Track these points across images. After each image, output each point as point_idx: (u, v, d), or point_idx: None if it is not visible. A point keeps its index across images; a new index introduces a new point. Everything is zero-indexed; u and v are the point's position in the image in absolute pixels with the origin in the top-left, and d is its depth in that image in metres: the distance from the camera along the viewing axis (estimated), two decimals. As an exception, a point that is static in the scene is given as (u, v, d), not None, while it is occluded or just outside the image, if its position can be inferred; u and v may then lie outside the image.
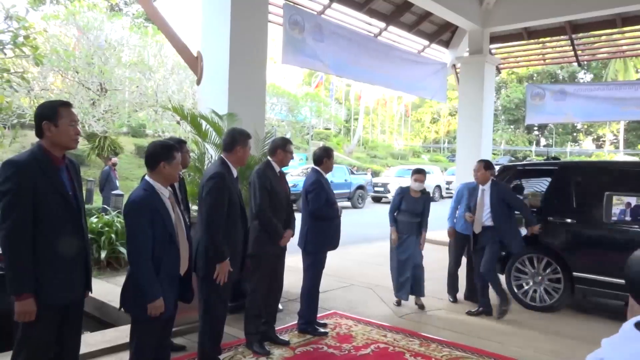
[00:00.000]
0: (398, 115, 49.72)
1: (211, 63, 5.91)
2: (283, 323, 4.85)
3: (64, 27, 15.70)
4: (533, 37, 11.92)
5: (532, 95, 12.58)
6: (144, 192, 2.86)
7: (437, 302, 5.91)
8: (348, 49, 9.08)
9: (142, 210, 2.78)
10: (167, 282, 2.88)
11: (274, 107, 24.02)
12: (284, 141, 4.33)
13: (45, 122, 2.59)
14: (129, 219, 2.83)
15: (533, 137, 47.70)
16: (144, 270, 2.77)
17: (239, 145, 3.68)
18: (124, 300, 2.91)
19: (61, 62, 14.29)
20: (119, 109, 15.79)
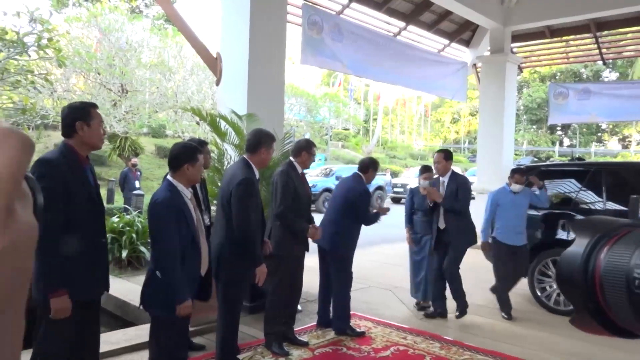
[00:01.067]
0: (417, 115, 49.39)
1: (230, 64, 5.95)
2: (302, 324, 4.86)
3: (86, 29, 15.97)
4: (556, 35, 11.74)
5: (555, 94, 12.38)
6: (169, 193, 2.89)
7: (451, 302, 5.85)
8: (367, 49, 9.06)
9: (169, 211, 2.82)
10: (189, 282, 2.91)
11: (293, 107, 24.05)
12: (308, 143, 4.35)
13: (79, 122, 2.66)
14: (156, 220, 2.86)
15: (556, 137, 46.94)
16: (175, 272, 2.79)
17: (263, 147, 3.69)
18: (144, 299, 2.95)
19: (83, 63, 14.53)
20: (140, 110, 15.99)
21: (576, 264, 0.74)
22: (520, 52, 12.69)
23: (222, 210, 3.59)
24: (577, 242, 0.76)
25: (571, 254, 0.75)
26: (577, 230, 0.77)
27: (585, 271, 0.74)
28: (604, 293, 0.72)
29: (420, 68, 10.49)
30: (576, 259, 0.75)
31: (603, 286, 0.72)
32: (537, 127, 45.97)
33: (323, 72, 38.93)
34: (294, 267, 4.25)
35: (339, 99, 31.03)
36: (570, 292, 0.76)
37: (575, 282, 0.74)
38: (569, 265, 0.75)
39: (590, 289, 0.73)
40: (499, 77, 10.85)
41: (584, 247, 0.75)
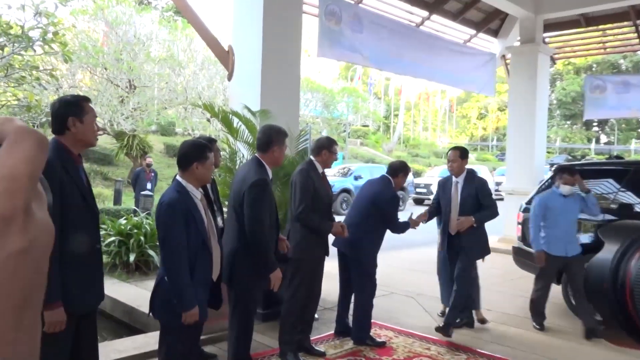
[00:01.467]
0: (442, 110, 49.09)
1: (243, 57, 5.98)
2: (319, 332, 4.86)
3: (92, 22, 16.20)
4: (592, 24, 11.56)
5: (591, 87, 12.20)
6: (177, 193, 2.90)
7: (485, 313, 5.80)
8: (389, 40, 9.03)
9: (176, 213, 2.83)
10: (199, 288, 2.93)
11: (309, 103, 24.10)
12: (329, 141, 4.36)
13: (71, 117, 2.60)
14: (163, 222, 2.88)
15: (592, 133, 46.25)
16: (181, 277, 2.81)
17: (275, 145, 3.68)
18: (153, 305, 2.97)
19: (90, 58, 14.74)
20: (148, 107, 16.17)
21: (605, 272, 0.73)
22: (553, 42, 12.52)
23: (234, 213, 3.60)
24: (606, 248, 0.74)
25: (600, 261, 0.74)
26: (606, 236, 0.76)
27: (615, 279, 0.72)
28: (635, 302, 0.70)
29: (445, 60, 10.42)
30: (605, 266, 0.74)
31: (634, 295, 0.70)
32: (572, 122, 45.33)
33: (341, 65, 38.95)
34: (313, 272, 4.24)
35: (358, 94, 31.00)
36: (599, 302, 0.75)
37: (605, 291, 0.73)
38: (597, 273, 0.74)
39: (620, 298, 0.72)
40: (530, 69, 10.73)
41: (613, 254, 0.73)
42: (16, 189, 0.36)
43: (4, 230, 0.35)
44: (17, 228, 0.36)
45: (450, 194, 5.07)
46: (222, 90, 16.46)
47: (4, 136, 0.39)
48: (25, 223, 0.36)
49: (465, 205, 4.93)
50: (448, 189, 5.12)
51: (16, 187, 0.36)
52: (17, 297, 0.37)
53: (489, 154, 43.95)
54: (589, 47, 13.24)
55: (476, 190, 4.94)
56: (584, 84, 12.82)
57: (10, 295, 0.36)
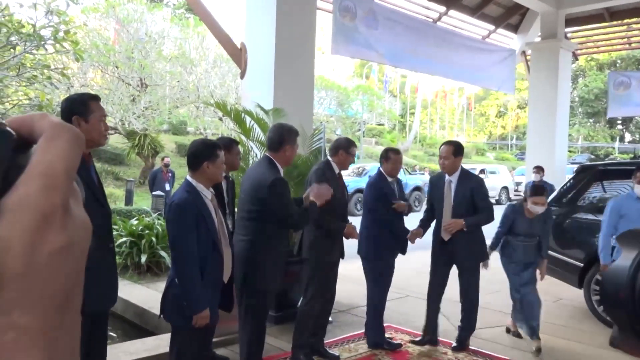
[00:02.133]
0: (459, 108, 48.79)
1: (256, 55, 5.99)
2: (333, 336, 4.86)
3: (103, 20, 16.38)
4: (616, 18, 11.41)
5: (615, 84, 12.05)
6: (186, 194, 2.92)
7: (500, 316, 5.75)
8: (405, 37, 9.00)
9: (186, 214, 2.84)
10: (210, 290, 2.94)
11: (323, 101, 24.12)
12: (348, 142, 4.35)
13: (76, 116, 2.61)
14: (172, 224, 2.90)
15: (616, 132, 45.64)
16: (191, 279, 2.83)
17: (287, 144, 3.68)
18: (164, 307, 3.00)
19: (101, 56, 14.90)
20: (160, 105, 16.29)
21: (622, 280, 0.71)
22: (575, 37, 12.39)
23: (245, 213, 3.61)
24: (624, 256, 0.73)
25: (617, 269, 0.73)
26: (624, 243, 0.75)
27: (632, 288, 0.71)
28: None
29: (463, 56, 10.36)
30: (622, 275, 0.72)
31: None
32: (595, 120, 44.77)
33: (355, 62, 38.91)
34: (328, 274, 4.26)
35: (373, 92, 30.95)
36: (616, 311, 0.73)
37: (622, 300, 0.72)
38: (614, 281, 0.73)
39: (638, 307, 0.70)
40: (551, 65, 10.63)
41: (631, 261, 0.72)
42: (54, 186, 0.37)
43: (44, 227, 0.36)
44: (57, 225, 0.36)
45: (442, 194, 4.67)
46: (234, 89, 16.54)
47: (40, 132, 0.39)
48: (64, 220, 0.37)
49: (459, 207, 4.54)
50: (440, 189, 4.71)
51: (54, 184, 0.37)
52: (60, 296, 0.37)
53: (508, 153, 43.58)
54: (613, 42, 13.08)
55: (471, 191, 4.52)
56: (608, 80, 12.67)
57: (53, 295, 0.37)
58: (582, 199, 6.29)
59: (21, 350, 0.35)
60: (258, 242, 3.51)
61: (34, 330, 0.35)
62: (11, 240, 0.35)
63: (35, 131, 0.39)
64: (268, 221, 3.50)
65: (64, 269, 0.37)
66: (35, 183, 0.36)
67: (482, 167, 23.45)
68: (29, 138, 0.39)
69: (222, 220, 3.13)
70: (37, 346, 0.35)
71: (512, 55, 11.61)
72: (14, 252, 0.35)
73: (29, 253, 0.35)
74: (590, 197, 6.29)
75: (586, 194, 6.30)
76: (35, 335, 0.35)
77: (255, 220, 3.53)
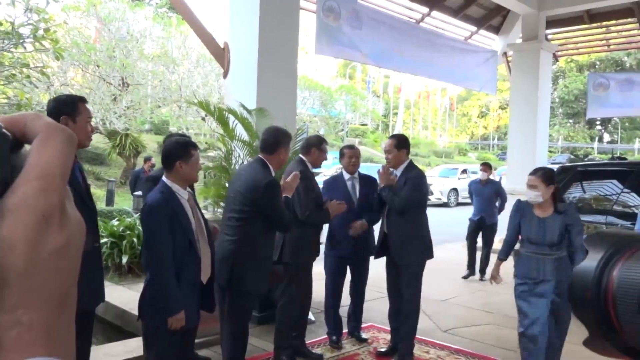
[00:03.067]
0: (442, 109, 49.14)
1: (239, 54, 5.97)
2: (315, 335, 4.86)
3: (84, 19, 16.17)
4: (596, 20, 11.58)
5: (594, 85, 12.22)
6: (160, 194, 2.89)
7: (486, 316, 5.81)
8: (389, 37, 9.03)
9: (160, 215, 2.82)
10: (187, 291, 2.92)
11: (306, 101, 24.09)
12: (319, 139, 4.36)
13: (64, 117, 2.64)
14: (147, 225, 2.88)
15: (595, 132, 46.35)
16: (166, 281, 2.81)
17: (282, 147, 3.69)
18: (142, 309, 2.97)
19: (82, 55, 14.72)
20: (141, 105, 16.16)
21: (589, 280, 0.73)
22: (555, 39, 12.55)
23: (233, 214, 3.59)
24: (590, 257, 0.75)
25: (584, 269, 0.74)
26: (591, 244, 0.76)
27: (598, 288, 0.72)
28: (618, 311, 0.70)
29: (446, 57, 10.43)
30: (589, 275, 0.74)
31: (616, 304, 0.71)
32: (574, 121, 45.42)
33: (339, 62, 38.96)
34: (308, 274, 4.28)
35: (356, 92, 31.00)
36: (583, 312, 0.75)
37: (588, 300, 0.73)
38: (581, 282, 0.74)
39: (603, 307, 0.72)
40: (532, 66, 10.74)
41: (597, 261, 0.73)
42: (52, 187, 0.38)
43: (45, 228, 0.37)
44: (56, 225, 0.37)
45: None
46: (217, 89, 16.46)
47: (34, 133, 0.40)
48: (62, 220, 0.38)
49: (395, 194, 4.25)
50: None
51: (52, 185, 0.38)
52: (60, 294, 0.38)
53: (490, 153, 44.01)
54: (593, 44, 13.27)
55: (406, 180, 4.26)
56: (587, 81, 12.84)
57: (54, 293, 0.38)
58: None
59: (25, 346, 0.36)
60: (245, 243, 3.50)
61: (36, 327, 0.37)
62: (14, 240, 0.36)
63: (28, 131, 0.40)
64: (257, 222, 3.49)
65: (63, 267, 0.39)
66: (34, 185, 0.37)
67: (464, 167, 23.65)
68: (20, 138, 0.40)
69: (201, 219, 3.10)
70: (40, 342, 0.37)
71: (494, 56, 11.72)
72: (17, 252, 0.36)
73: (32, 253, 0.36)
74: (569, 198, 6.38)
75: (566, 194, 6.38)
76: (38, 332, 0.37)
77: (244, 221, 3.51)
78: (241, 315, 3.61)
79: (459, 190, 21.07)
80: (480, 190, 7.62)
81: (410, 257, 4.28)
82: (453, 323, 5.51)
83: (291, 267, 4.16)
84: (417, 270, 4.32)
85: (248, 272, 3.49)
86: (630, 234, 0.78)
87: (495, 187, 7.67)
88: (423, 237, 4.33)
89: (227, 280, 3.47)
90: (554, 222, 3.56)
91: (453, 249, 9.63)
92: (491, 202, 7.53)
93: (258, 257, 3.52)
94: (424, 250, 4.33)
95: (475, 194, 7.68)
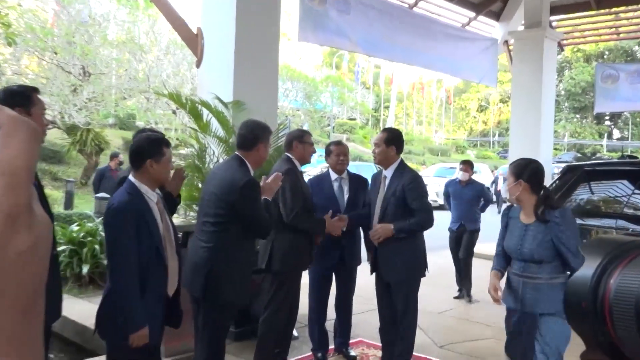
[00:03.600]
0: (438, 102, 49.43)
1: (213, 41, 5.94)
2: (299, 352, 4.86)
3: (40, 0, 15.98)
4: (604, 7, 11.72)
5: (602, 77, 12.37)
6: (128, 196, 2.86)
7: (485, 329, 5.85)
8: (380, 23, 9.05)
9: (126, 218, 2.78)
10: (152, 304, 2.88)
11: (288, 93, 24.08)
12: (300, 131, 4.39)
13: (18, 108, 2.58)
14: (110, 229, 2.84)
15: (604, 128, 46.95)
16: (128, 292, 2.77)
17: (261, 143, 3.66)
18: (100, 323, 2.93)
19: (37, 41, 14.54)
20: (105, 97, 16.01)
21: (585, 289, 0.74)
22: (560, 26, 12.68)
23: (207, 218, 3.55)
24: (587, 264, 0.75)
25: (579, 279, 0.75)
26: (587, 251, 0.77)
27: (594, 297, 0.73)
28: (614, 321, 0.71)
29: (442, 46, 10.48)
30: (585, 284, 0.75)
31: (613, 313, 0.71)
32: (581, 116, 45.98)
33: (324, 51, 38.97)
34: (297, 285, 4.27)
35: (344, 83, 31.07)
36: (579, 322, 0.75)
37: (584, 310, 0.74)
38: (577, 291, 0.75)
39: (600, 317, 0.73)
40: (535, 56, 10.84)
41: (593, 269, 0.74)
42: (18, 184, 0.38)
43: (12, 228, 0.37)
44: (23, 225, 0.38)
45: (377, 192, 4.28)
46: (189, 79, 16.37)
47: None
48: (29, 219, 0.38)
49: (387, 206, 4.13)
50: (377, 186, 4.31)
51: (18, 182, 0.38)
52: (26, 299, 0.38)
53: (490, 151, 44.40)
54: (601, 32, 13.44)
55: (403, 188, 4.07)
56: (595, 73, 13.00)
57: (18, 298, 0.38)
58: (569, 201, 6.43)
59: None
60: (222, 250, 3.47)
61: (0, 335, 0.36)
62: None
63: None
64: (234, 227, 3.47)
65: (30, 269, 0.38)
66: None
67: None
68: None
69: (170, 226, 3.07)
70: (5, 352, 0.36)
71: (494, 44, 11.81)
72: None
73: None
74: (577, 200, 6.44)
75: (573, 196, 6.44)
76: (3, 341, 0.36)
77: (221, 226, 3.48)
78: (217, 330, 3.58)
79: (456, 191, 21.17)
80: (459, 192, 7.17)
81: (401, 273, 4.11)
82: (450, 338, 5.54)
83: (280, 276, 4.13)
84: (411, 288, 4.19)
85: (225, 282, 3.46)
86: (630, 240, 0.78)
87: (477, 190, 7.22)
88: (414, 248, 4.17)
89: (202, 291, 3.44)
90: (537, 232, 3.03)
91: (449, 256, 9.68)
92: (472, 206, 7.13)
93: (236, 266, 3.49)
94: (417, 266, 4.19)
95: (454, 197, 7.20)
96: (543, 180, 3.23)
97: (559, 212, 2.95)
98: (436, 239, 8.02)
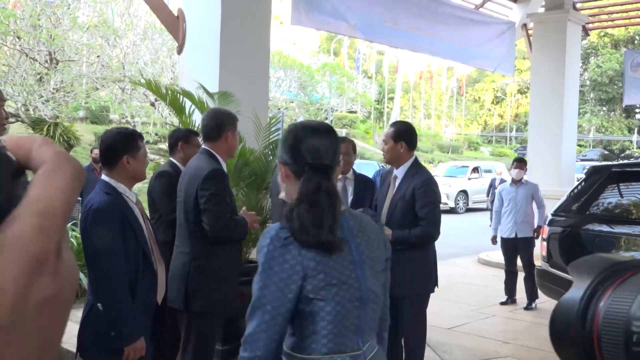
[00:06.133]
0: (448, 93, 49.51)
1: (197, 25, 5.95)
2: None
3: (2, -21, 15.98)
4: (634, -14, 11.77)
5: (632, 65, 12.42)
6: (107, 196, 2.87)
7: (501, 345, 5.88)
8: (382, 4, 9.05)
9: (110, 221, 2.80)
10: (141, 313, 2.90)
11: (281, 82, 24.09)
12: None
13: None
14: (93, 234, 2.85)
15: (634, 122, 47.08)
16: (120, 302, 2.78)
17: (229, 129, 3.68)
18: (82, 342, 2.94)
19: (-2, 24, 14.54)
20: (74, 87, 15.99)
21: (572, 314, 0.75)
22: (585, 8, 12.71)
23: (185, 220, 3.58)
24: (575, 286, 0.76)
25: (568, 301, 0.76)
26: (576, 271, 0.78)
27: (583, 323, 0.74)
28: (602, 349, 0.72)
29: (453, 30, 10.49)
30: (573, 308, 0.75)
31: (601, 341, 0.72)
32: (609, 108, 46.08)
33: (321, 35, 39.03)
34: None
35: (343, 72, 31.11)
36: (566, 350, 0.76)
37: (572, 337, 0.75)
38: (564, 316, 0.76)
39: (588, 343, 0.74)
40: (557, 41, 10.86)
41: (582, 292, 0.75)
42: (51, 227, 0.38)
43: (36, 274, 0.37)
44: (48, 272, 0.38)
45: (385, 193, 4.22)
46: (170, 66, 16.38)
47: (40, 161, 0.41)
48: (56, 266, 0.39)
49: (394, 210, 4.05)
50: (386, 187, 4.25)
51: (51, 225, 0.38)
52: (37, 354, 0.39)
53: (507, 148, 44.47)
54: (630, 14, 13.47)
55: (413, 192, 3.98)
56: (624, 60, 13.06)
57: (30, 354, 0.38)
58: (595, 206, 6.40)
59: None
60: (203, 255, 3.50)
61: None
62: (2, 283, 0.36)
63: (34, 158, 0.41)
64: None
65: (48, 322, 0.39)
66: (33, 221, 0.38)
67: (475, 165, 23.85)
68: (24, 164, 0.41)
69: (150, 227, 3.09)
70: None
71: (511, 29, 11.82)
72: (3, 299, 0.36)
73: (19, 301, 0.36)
74: (604, 205, 6.41)
75: (599, 200, 6.41)
76: None
77: (197, 226, 3.50)
78: (201, 344, 3.59)
79: (469, 192, 21.22)
80: (513, 194, 7.27)
81: (408, 288, 3.92)
82: (462, 356, 5.56)
83: None
84: (419, 304, 4.12)
85: (206, 290, 3.48)
86: (622, 259, 0.79)
87: (530, 189, 7.35)
88: (424, 259, 4.08)
89: (183, 301, 3.46)
90: None
91: (460, 265, 9.70)
92: (527, 207, 7.24)
93: (218, 272, 3.51)
94: (426, 280, 4.09)
95: (508, 201, 7.31)
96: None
97: None
98: (445, 247, 8.05)
